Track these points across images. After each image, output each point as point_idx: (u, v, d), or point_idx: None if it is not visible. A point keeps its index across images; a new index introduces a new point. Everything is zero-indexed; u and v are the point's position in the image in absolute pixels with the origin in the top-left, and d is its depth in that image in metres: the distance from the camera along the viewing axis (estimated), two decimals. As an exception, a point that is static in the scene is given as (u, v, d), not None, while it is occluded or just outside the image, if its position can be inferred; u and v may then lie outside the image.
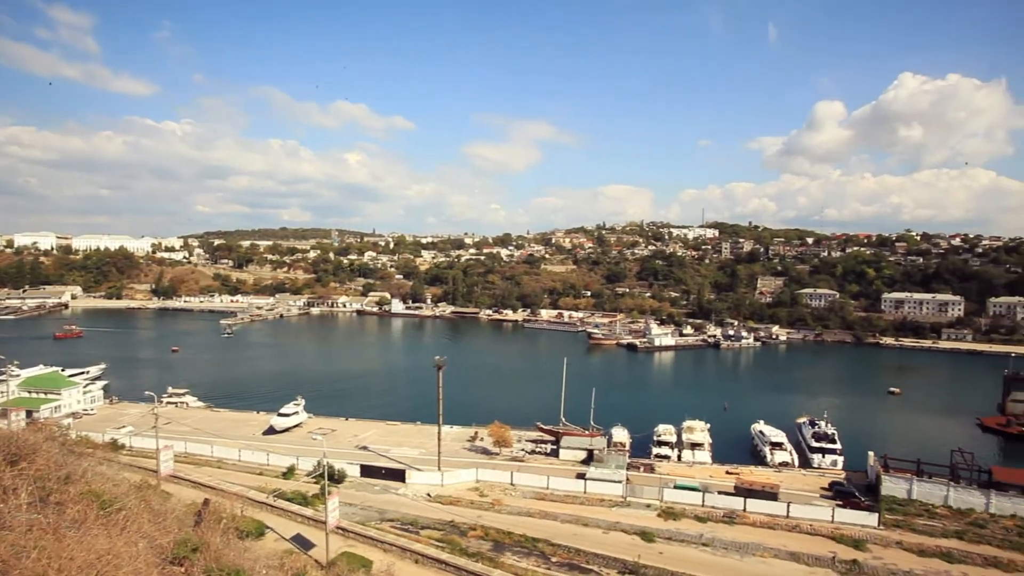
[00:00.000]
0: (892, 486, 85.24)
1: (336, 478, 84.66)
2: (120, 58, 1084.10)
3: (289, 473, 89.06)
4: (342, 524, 65.47)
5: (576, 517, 76.78)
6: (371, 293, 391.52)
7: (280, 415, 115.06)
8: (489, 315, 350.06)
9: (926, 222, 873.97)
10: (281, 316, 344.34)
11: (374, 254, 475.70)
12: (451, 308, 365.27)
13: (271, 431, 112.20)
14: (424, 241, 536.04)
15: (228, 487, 77.87)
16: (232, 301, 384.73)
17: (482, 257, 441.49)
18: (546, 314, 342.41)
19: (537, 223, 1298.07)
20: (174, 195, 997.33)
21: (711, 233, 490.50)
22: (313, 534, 64.34)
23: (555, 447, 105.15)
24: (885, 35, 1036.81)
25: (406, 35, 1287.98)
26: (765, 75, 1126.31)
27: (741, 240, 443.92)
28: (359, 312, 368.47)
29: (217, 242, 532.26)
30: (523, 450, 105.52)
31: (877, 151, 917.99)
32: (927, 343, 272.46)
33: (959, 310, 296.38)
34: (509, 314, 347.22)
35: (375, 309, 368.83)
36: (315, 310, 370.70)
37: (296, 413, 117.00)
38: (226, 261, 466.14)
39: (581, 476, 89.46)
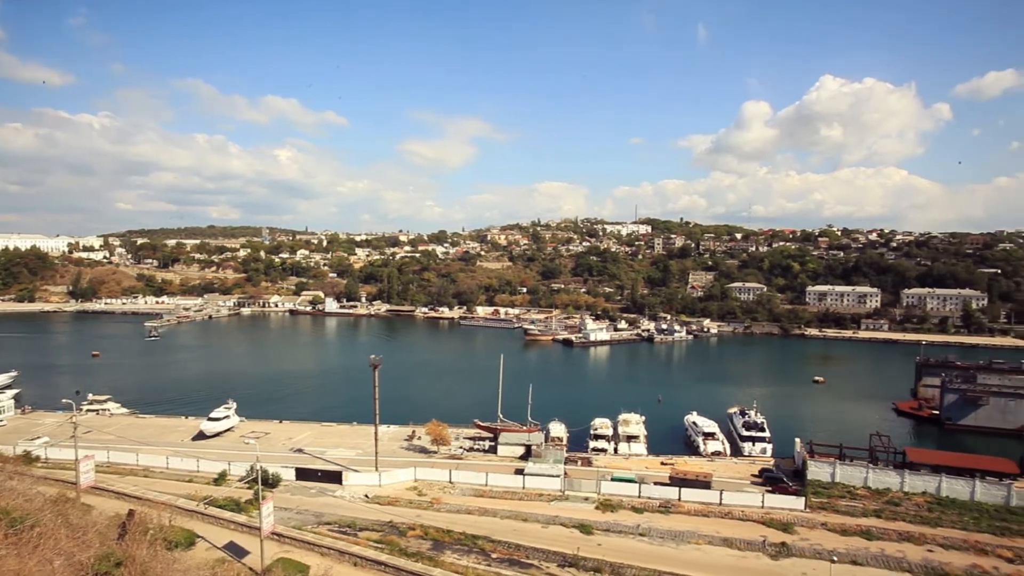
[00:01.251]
0: (817, 470, 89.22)
1: (270, 482, 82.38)
2: (29, 45, 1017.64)
3: (221, 479, 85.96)
4: (277, 529, 63.68)
5: (515, 513, 77.07)
6: (304, 292, 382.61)
7: (210, 419, 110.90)
8: (425, 313, 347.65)
9: (846, 218, 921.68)
10: (210, 317, 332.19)
11: (307, 252, 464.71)
12: (386, 306, 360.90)
13: (201, 436, 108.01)
14: (358, 239, 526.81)
15: (155, 496, 74.38)
16: (158, 302, 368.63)
17: (417, 255, 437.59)
18: (482, 311, 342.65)
19: (473, 220, 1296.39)
20: (92, 192, 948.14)
21: (644, 229, 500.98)
22: (247, 541, 62.31)
23: (493, 443, 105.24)
24: (808, 38, 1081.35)
25: (339, 30, 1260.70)
26: (695, 75, 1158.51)
27: (673, 236, 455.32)
28: (292, 312, 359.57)
29: (140, 241, 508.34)
30: (461, 448, 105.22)
31: (801, 150, 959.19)
32: (848, 333, 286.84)
33: (876, 301, 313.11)
34: (445, 312, 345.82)
35: (308, 308, 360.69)
36: (246, 310, 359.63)
37: (227, 417, 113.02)
38: (151, 261, 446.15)
39: (519, 472, 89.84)
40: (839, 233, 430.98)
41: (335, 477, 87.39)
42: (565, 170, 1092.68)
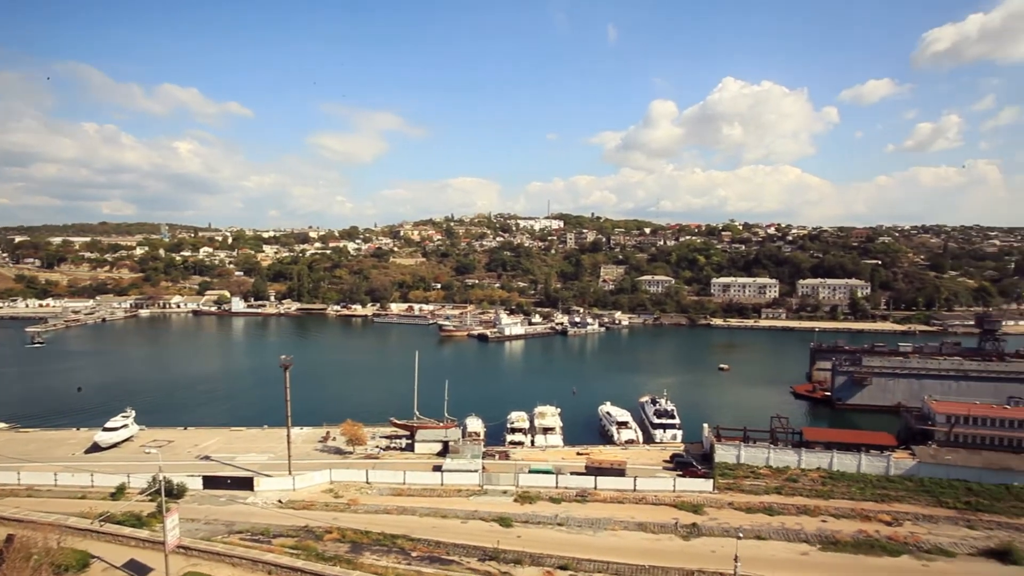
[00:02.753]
0: (724, 453, 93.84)
1: (175, 493, 78.48)
2: None
3: (119, 493, 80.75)
4: (183, 542, 60.80)
5: (434, 509, 76.92)
6: (208, 292, 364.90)
7: (105, 430, 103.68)
8: (337, 311, 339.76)
9: (747, 213, 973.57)
10: (104, 320, 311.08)
11: (211, 250, 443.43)
12: (297, 305, 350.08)
13: (95, 448, 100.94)
14: (266, 235, 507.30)
15: (41, 518, 68.63)
16: (41, 306, 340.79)
17: (328, 251, 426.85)
18: (396, 308, 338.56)
19: (385, 216, 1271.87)
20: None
21: (556, 224, 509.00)
22: (150, 557, 59.21)
23: (410, 441, 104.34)
24: (711, 41, 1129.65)
25: (241, 17, 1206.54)
26: (606, 73, 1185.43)
27: (585, 231, 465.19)
28: (196, 312, 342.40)
29: (19, 239, 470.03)
30: (378, 447, 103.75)
31: (705, 148, 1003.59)
32: (750, 322, 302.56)
33: (775, 292, 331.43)
34: (358, 309, 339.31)
35: (214, 308, 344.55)
36: (144, 312, 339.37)
37: (125, 426, 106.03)
38: (32, 260, 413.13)
39: (438, 468, 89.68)
40: (741, 228, 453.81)
41: (246, 483, 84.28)
42: (478, 165, 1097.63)
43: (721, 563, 60.55)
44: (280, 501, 79.81)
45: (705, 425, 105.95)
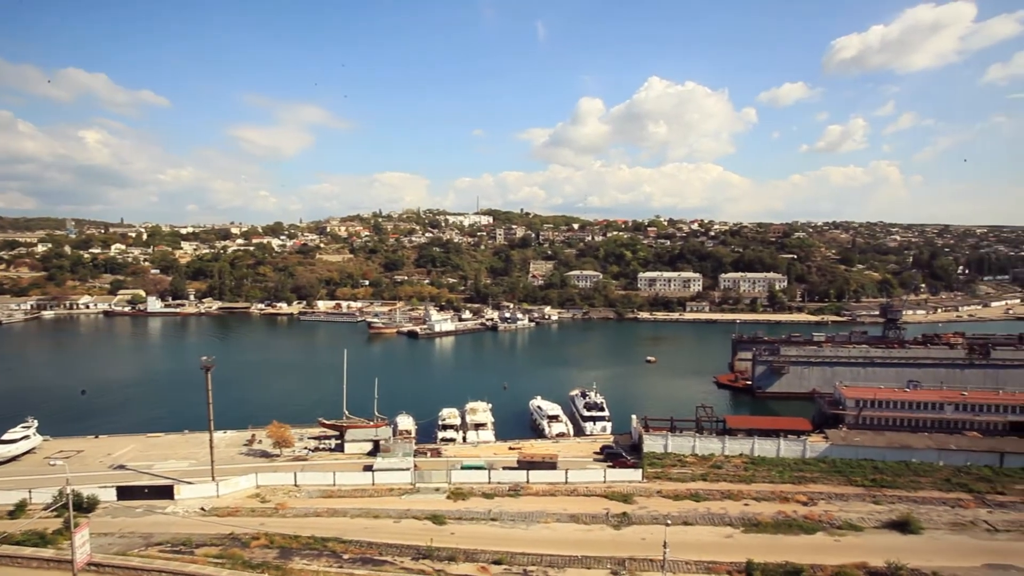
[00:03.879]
0: (652, 443, 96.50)
1: (85, 506, 74.17)
2: None
3: (19, 511, 74.87)
4: (95, 559, 57.56)
5: (366, 510, 75.81)
6: (121, 291, 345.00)
7: (2, 442, 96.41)
8: (262, 309, 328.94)
9: (671, 208, 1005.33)
10: None
11: (123, 247, 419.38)
12: (218, 304, 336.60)
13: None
14: (184, 232, 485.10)
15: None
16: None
17: (252, 248, 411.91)
18: (323, 305, 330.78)
19: (311, 211, 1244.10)
20: None
21: (486, 220, 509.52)
22: None
23: (340, 441, 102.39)
24: (638, 41, 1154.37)
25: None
26: (535, 70, 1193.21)
27: (514, 226, 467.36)
28: (107, 313, 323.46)
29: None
30: (306, 448, 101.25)
31: (631, 145, 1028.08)
32: (675, 315, 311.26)
33: (699, 285, 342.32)
34: (284, 307, 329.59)
35: (127, 309, 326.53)
36: (48, 313, 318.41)
37: (26, 437, 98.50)
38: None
39: (369, 468, 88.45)
40: (666, 223, 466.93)
41: (165, 492, 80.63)
42: (407, 161, 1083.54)
43: (651, 550, 62.23)
44: (203, 509, 76.78)
45: (634, 416, 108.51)
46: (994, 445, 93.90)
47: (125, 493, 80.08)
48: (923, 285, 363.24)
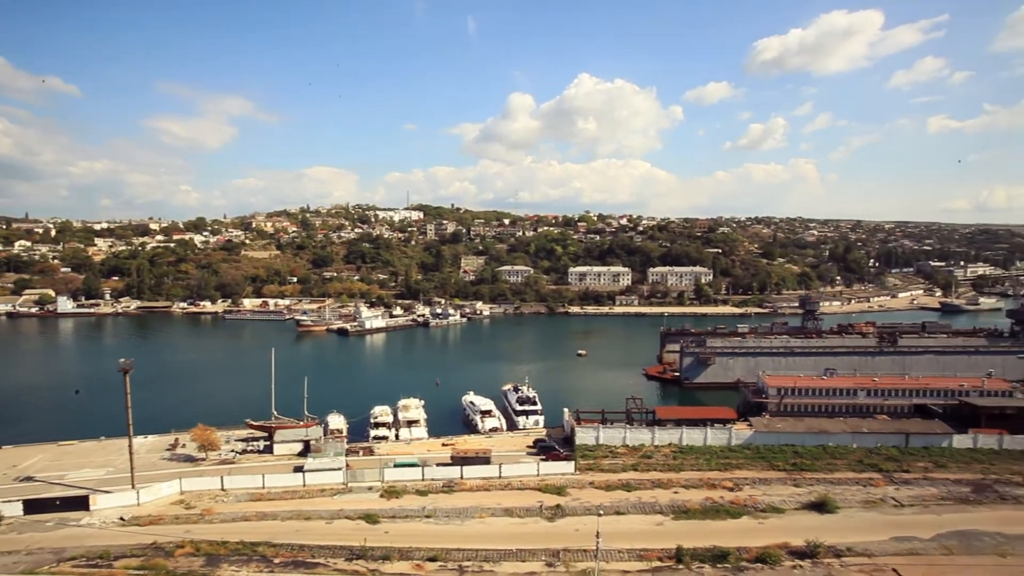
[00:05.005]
0: (584, 435, 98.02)
1: (-13, 522, 69.43)
2: None
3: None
4: (1, 576, 54.04)
5: (297, 512, 73.99)
6: (27, 291, 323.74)
7: None
8: (184, 308, 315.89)
9: (601, 204, 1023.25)
10: None
11: (28, 243, 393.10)
12: (137, 303, 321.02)
13: None
14: (98, 227, 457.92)
15: None
16: None
17: (172, 244, 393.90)
18: (249, 303, 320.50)
19: (235, 206, 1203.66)
20: None
21: (416, 215, 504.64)
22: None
23: (269, 443, 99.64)
24: (568, 37, 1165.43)
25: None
26: (465, 64, 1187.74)
27: (445, 222, 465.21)
28: (11, 315, 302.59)
29: None
30: (233, 451, 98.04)
31: (561, 141, 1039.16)
32: (605, 309, 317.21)
33: (628, 279, 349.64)
34: (207, 306, 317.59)
35: (34, 310, 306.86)
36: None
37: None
38: None
39: (299, 469, 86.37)
40: (595, 219, 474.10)
41: (80, 503, 76.11)
42: (335, 155, 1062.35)
43: (584, 540, 63.23)
44: (122, 519, 73.09)
45: (566, 410, 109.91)
46: (901, 427, 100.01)
47: (33, 506, 75.00)
48: (838, 278, 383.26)
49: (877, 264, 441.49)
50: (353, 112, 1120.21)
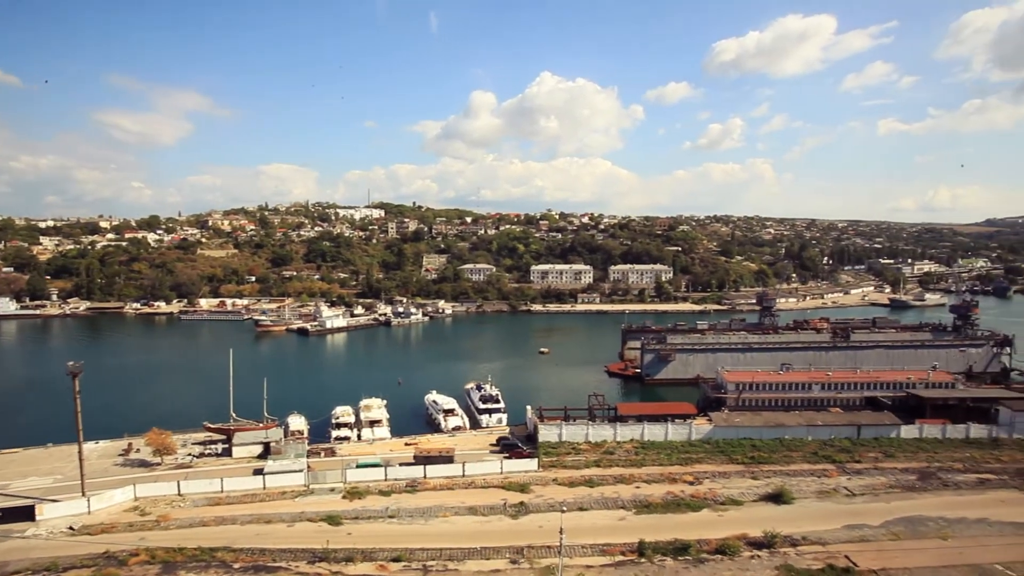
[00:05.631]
0: (547, 432, 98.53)
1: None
2: None
3: None
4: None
5: (257, 515, 72.68)
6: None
7: None
8: (137, 309, 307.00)
9: (562, 202, 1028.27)
10: None
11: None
12: (87, 304, 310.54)
13: None
14: (43, 225, 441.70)
15: None
16: None
17: (125, 243, 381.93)
18: (206, 303, 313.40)
19: (191, 204, 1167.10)
20: None
21: (377, 213, 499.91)
22: None
23: (227, 446, 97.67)
24: (530, 36, 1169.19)
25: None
26: (427, 62, 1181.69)
27: (406, 220, 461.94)
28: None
29: None
30: (191, 455, 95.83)
31: (523, 139, 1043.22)
32: (567, 307, 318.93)
33: (589, 278, 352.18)
34: (162, 306, 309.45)
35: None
36: None
37: None
38: None
39: (259, 471, 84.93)
40: (557, 217, 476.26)
41: (25, 513, 72.74)
42: (295, 152, 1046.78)
43: (548, 537, 63.56)
44: (72, 528, 70.62)
45: (528, 407, 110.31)
46: (853, 419, 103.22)
47: (-26, 518, 71.85)
48: (794, 275, 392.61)
49: (831, 262, 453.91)
50: (312, 108, 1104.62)
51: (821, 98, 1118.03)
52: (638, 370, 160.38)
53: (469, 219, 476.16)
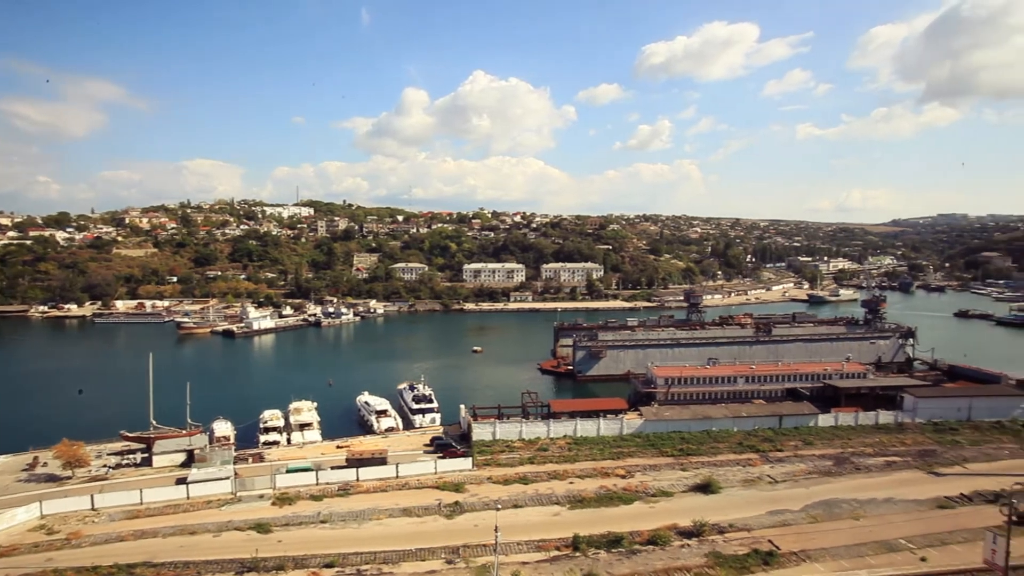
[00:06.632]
0: (481, 431, 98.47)
1: None
2: None
3: None
4: None
5: (181, 527, 69.63)
6: None
7: None
8: (45, 312, 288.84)
9: (495, 201, 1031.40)
10: None
11: None
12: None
13: None
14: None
15: None
16: None
17: (29, 242, 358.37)
18: (123, 305, 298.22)
19: (106, 201, 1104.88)
20: None
21: (306, 211, 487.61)
22: None
23: (147, 455, 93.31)
24: (463, 34, 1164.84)
25: None
26: (358, 57, 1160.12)
27: (336, 218, 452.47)
28: None
29: None
30: (106, 466, 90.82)
31: (456, 137, 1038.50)
32: (500, 305, 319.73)
33: (522, 276, 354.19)
34: (73, 309, 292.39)
35: None
36: None
37: None
38: None
39: (182, 480, 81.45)
40: (490, 215, 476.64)
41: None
42: (219, 148, 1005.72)
43: (484, 535, 63.59)
44: (-31, 548, 65.72)
45: (462, 406, 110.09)
46: (775, 410, 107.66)
47: None
48: (719, 272, 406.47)
49: (754, 259, 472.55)
50: (237, 102, 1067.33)
51: (744, 102, 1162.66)
52: (570, 367, 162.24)
53: (401, 218, 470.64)
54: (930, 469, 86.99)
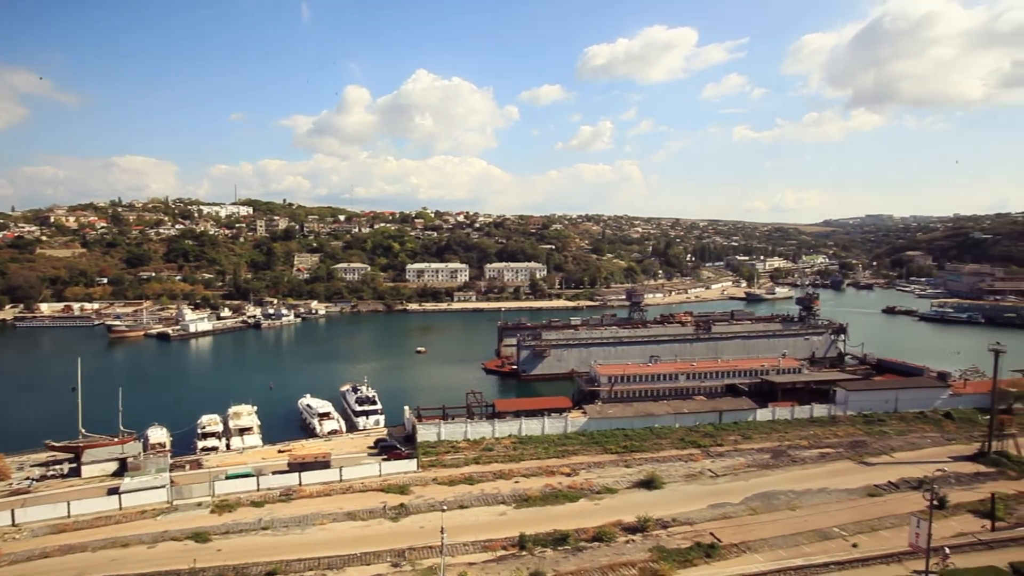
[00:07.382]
0: (425, 432, 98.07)
1: None
2: None
3: None
4: None
5: (113, 539, 66.88)
6: None
7: None
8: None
9: (438, 201, 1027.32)
10: None
11: None
12: None
13: None
14: None
15: None
16: None
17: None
18: (48, 308, 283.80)
19: (28, 198, 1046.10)
20: None
21: (245, 211, 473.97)
22: None
23: (76, 465, 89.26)
24: (405, 33, 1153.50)
25: None
26: (298, 54, 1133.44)
27: (276, 218, 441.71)
28: None
29: None
30: (29, 478, 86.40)
31: (398, 136, 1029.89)
32: (443, 305, 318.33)
33: (465, 276, 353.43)
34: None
35: None
36: None
37: None
38: None
39: (114, 491, 78.29)
40: (433, 215, 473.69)
41: None
42: (152, 144, 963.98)
43: (430, 537, 63.37)
44: None
45: (406, 407, 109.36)
46: (715, 405, 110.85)
47: None
48: (660, 271, 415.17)
49: (694, 259, 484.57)
50: (171, 97, 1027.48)
51: (684, 105, 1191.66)
52: (515, 366, 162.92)
53: (343, 217, 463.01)
54: (861, 459, 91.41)
